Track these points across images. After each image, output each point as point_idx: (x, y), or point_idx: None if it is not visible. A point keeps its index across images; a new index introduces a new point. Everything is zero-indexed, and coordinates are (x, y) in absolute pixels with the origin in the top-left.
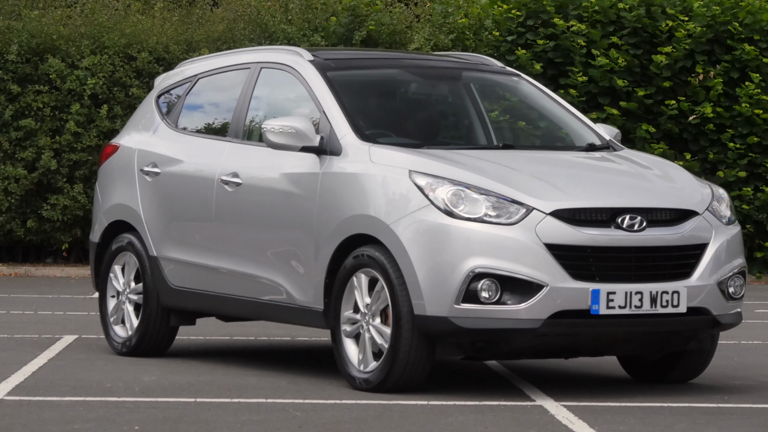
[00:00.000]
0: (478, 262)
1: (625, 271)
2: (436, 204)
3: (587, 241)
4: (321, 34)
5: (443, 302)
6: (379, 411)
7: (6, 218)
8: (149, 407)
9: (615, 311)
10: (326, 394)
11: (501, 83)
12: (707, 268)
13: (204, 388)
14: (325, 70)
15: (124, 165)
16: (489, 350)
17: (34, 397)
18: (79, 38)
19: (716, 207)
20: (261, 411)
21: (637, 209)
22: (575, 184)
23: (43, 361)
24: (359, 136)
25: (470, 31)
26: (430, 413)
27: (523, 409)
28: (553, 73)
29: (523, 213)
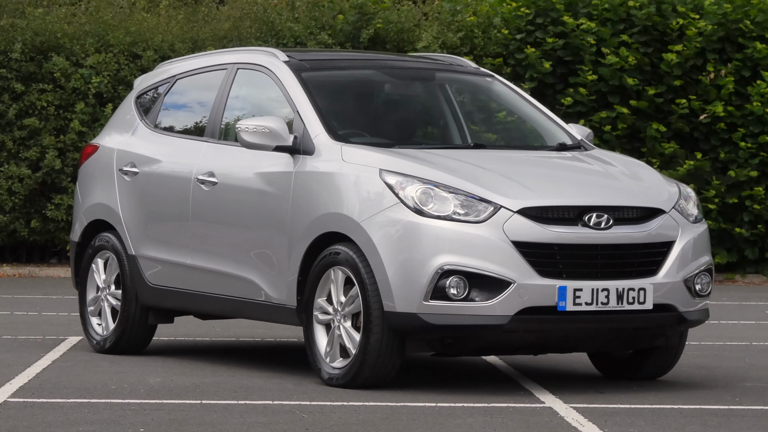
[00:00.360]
0: (446, 259)
1: (592, 269)
2: (405, 202)
3: (554, 239)
4: (328, 33)
5: (412, 299)
6: (387, 413)
7: (10, 218)
8: (154, 409)
9: (581, 308)
10: (333, 396)
11: (475, 84)
12: (673, 265)
13: (210, 389)
14: (300, 70)
15: (103, 165)
16: (458, 346)
17: (38, 399)
18: (84, 36)
19: (683, 205)
20: (267, 413)
21: (604, 207)
22: (543, 182)
23: (48, 363)
24: (332, 135)
25: (479, 30)
26: (438, 415)
27: (532, 411)
28: (562, 71)
29: (491, 211)
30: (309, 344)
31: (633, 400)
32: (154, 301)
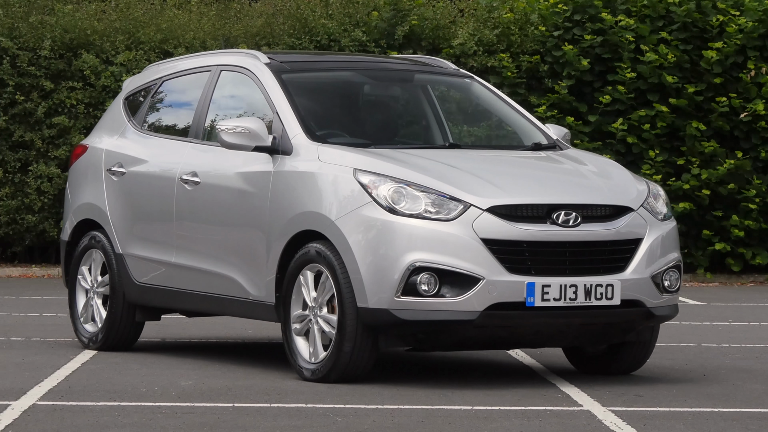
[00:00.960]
0: (417, 256)
1: (561, 265)
2: (378, 201)
3: (523, 236)
4: (362, 29)
5: (384, 295)
6: (422, 416)
7: (39, 218)
8: (186, 412)
9: (550, 303)
10: (367, 399)
11: (454, 84)
12: (641, 262)
13: (242, 392)
14: (280, 72)
15: (92, 165)
16: (431, 341)
17: (68, 402)
18: (114, 33)
19: (652, 203)
20: (300, 416)
21: (572, 205)
22: (513, 181)
23: (77, 365)
24: (309, 136)
25: (515, 26)
26: (474, 418)
27: (570, 415)
28: (600, 69)
29: (460, 209)
30: (287, 341)
31: (672, 404)
32: (140, 299)
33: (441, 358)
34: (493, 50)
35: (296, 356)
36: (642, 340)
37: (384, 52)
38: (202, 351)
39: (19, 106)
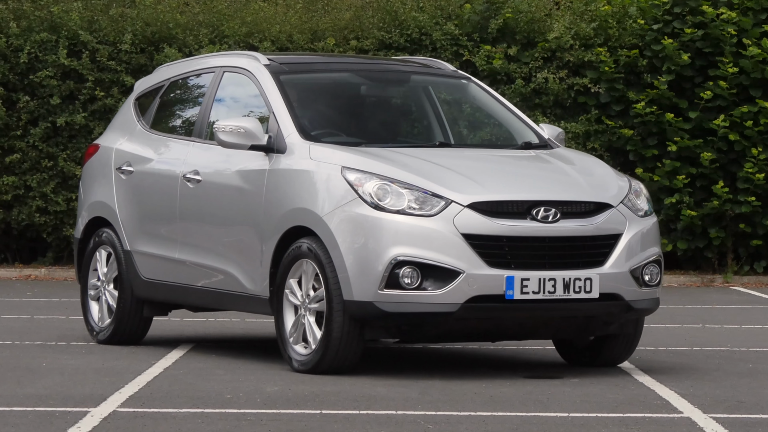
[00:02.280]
0: (399, 250)
1: (540, 260)
2: (363, 197)
3: (503, 231)
4: (455, 22)
5: (368, 288)
6: (517, 423)
7: None
8: (272, 419)
9: (529, 296)
10: (460, 406)
11: (450, 85)
12: (620, 256)
13: (330, 399)
14: (279, 73)
15: (103, 164)
16: (415, 333)
17: (149, 409)
18: (197, 27)
19: (632, 200)
20: (391, 424)
21: (552, 202)
22: (495, 178)
23: (159, 371)
24: (303, 135)
25: (613, 20)
26: (570, 426)
27: (670, 422)
28: (701, 63)
29: (442, 205)
30: (279, 332)
31: None
32: (147, 295)
33: (536, 362)
34: (589, 44)
35: (287, 347)
36: (625, 333)
37: (477, 46)
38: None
39: (99, 102)
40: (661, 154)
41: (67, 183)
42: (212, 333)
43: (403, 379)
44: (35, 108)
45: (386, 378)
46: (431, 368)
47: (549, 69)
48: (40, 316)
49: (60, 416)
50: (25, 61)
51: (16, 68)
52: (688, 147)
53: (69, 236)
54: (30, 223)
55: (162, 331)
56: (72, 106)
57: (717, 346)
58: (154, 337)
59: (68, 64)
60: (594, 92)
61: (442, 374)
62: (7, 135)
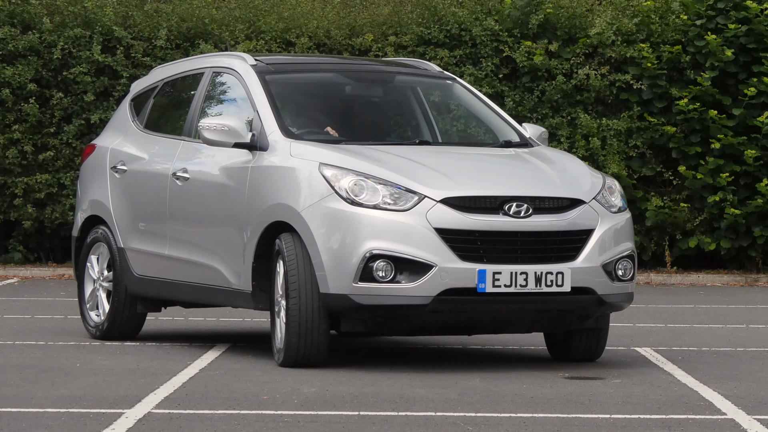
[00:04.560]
0: (373, 244)
1: (513, 254)
2: (339, 193)
3: (475, 226)
4: (495, 18)
5: (344, 281)
6: (558, 425)
7: None
8: (309, 421)
9: (501, 289)
10: (500, 408)
11: (435, 86)
12: (592, 251)
13: (368, 400)
14: (264, 73)
15: (99, 164)
16: (389, 326)
17: (185, 410)
18: (233, 22)
19: (606, 196)
20: (430, 425)
21: (524, 197)
22: (469, 175)
23: (194, 372)
24: (284, 133)
25: (656, 15)
26: (612, 427)
27: (713, 424)
28: (745, 59)
29: (415, 200)
30: (272, 330)
31: None
32: (140, 291)
33: (577, 364)
34: (632, 40)
35: (273, 344)
36: (601, 327)
37: (517, 42)
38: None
39: None
40: (704, 151)
41: None
42: (249, 333)
43: (442, 380)
44: (69, 105)
45: (425, 379)
46: (470, 369)
47: (590, 65)
48: (74, 316)
49: (94, 418)
50: (58, 58)
51: (49, 64)
52: (732, 144)
53: None
54: (63, 221)
55: (198, 331)
56: (106, 103)
57: (761, 347)
58: (190, 337)
59: (102, 61)
60: (636, 89)
61: (482, 375)
62: (41, 132)
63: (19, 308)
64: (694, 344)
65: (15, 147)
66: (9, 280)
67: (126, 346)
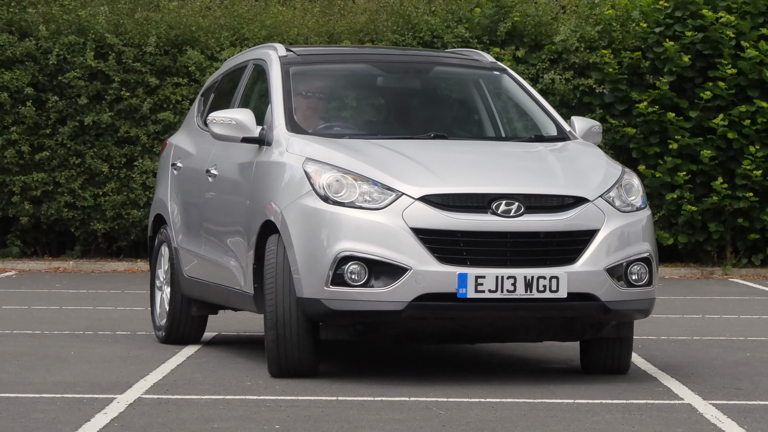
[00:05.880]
0: (345, 245)
1: (501, 256)
2: (316, 190)
3: (458, 226)
4: (465, 26)
5: (316, 285)
6: (525, 410)
7: (144, 213)
8: (290, 406)
9: (484, 295)
10: (470, 393)
11: (482, 77)
12: (595, 254)
13: (346, 386)
14: (290, 64)
15: (164, 161)
16: (372, 333)
17: (173, 396)
18: (219, 30)
19: (619, 194)
20: (404, 409)
21: (515, 195)
22: (458, 171)
23: (182, 359)
24: (289, 127)
25: (617, 23)
26: (576, 412)
27: (671, 408)
28: (701, 65)
29: (392, 198)
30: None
31: None
32: (189, 292)
33: (545, 354)
34: (594, 46)
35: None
36: (623, 336)
37: (486, 48)
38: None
39: (125, 102)
40: (662, 151)
41: (94, 179)
42: (235, 322)
43: (415, 367)
44: (64, 108)
45: (399, 366)
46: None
47: (555, 70)
48: (69, 307)
49: (87, 402)
50: (54, 63)
51: (45, 70)
52: (689, 145)
53: (96, 230)
54: (59, 217)
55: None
56: (99, 106)
57: (716, 336)
58: None
59: (95, 66)
60: (598, 92)
61: (454, 363)
62: (37, 133)
63: (16, 299)
64: (653, 333)
65: (13, 147)
66: (7, 272)
67: (117, 335)
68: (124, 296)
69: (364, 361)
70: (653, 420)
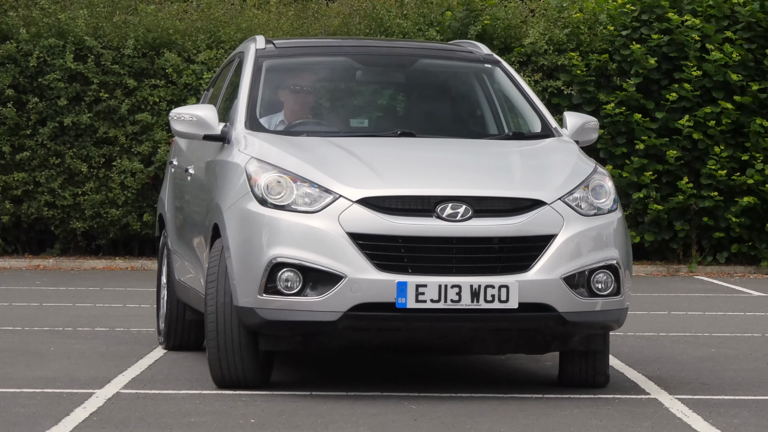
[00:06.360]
0: (278, 251)
1: (446, 263)
2: (254, 192)
3: (398, 231)
4: (436, 29)
5: (251, 293)
6: (495, 404)
7: (123, 212)
8: (265, 400)
9: (426, 305)
10: (442, 388)
11: (472, 70)
12: (551, 261)
13: (320, 382)
14: (265, 57)
15: (168, 159)
16: (312, 343)
17: (150, 390)
18: (196, 33)
19: (583, 195)
20: (377, 404)
21: (463, 197)
22: (405, 171)
23: (159, 354)
24: (248, 124)
25: (585, 26)
26: (544, 406)
27: (638, 402)
28: (667, 67)
29: (328, 201)
30: None
31: (737, 392)
32: (180, 296)
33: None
34: (563, 49)
35: None
36: (594, 350)
37: None
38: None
39: (104, 103)
40: (629, 152)
41: (73, 179)
42: None
43: (387, 362)
44: (44, 109)
45: (372, 361)
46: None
47: (524, 72)
48: (49, 304)
49: (67, 397)
50: (34, 65)
51: (25, 72)
52: (655, 145)
53: (75, 229)
54: (39, 216)
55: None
56: (78, 107)
57: (682, 332)
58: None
59: (74, 68)
60: (567, 94)
61: (425, 359)
62: (18, 134)
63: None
64: (620, 329)
65: None
66: None
67: (96, 332)
68: (103, 293)
69: (336, 356)
70: (620, 414)
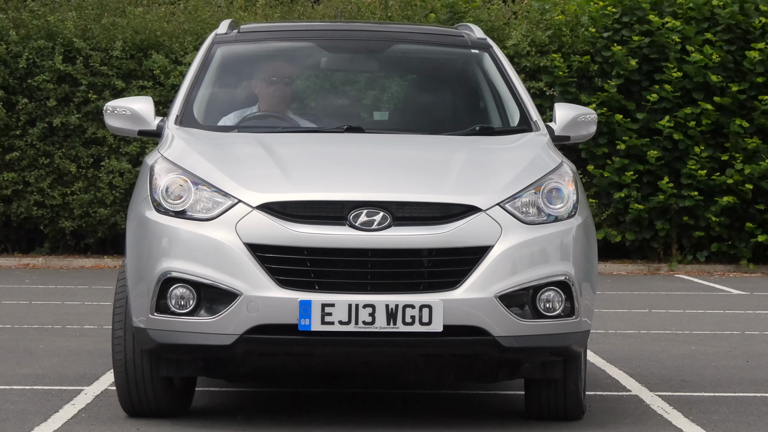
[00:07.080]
0: (170, 265)
1: (359, 279)
2: (153, 195)
3: (304, 242)
4: None
5: (143, 311)
6: (477, 402)
7: (111, 211)
8: (247, 394)
9: (334, 327)
10: (426, 385)
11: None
12: (484, 277)
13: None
14: (221, 44)
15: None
16: (217, 369)
17: None
18: (182, 35)
19: (531, 200)
20: (357, 400)
21: (380, 203)
22: (317, 172)
23: None
24: (180, 119)
25: (567, 28)
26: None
27: (619, 399)
28: (648, 68)
29: (225, 207)
30: None
31: (717, 389)
32: None
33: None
34: (545, 51)
35: None
36: (555, 378)
37: None
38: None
39: (92, 104)
40: (610, 152)
41: (62, 179)
42: None
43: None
44: (33, 110)
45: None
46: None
47: None
48: (38, 302)
49: (56, 394)
50: (23, 67)
51: (15, 73)
52: (636, 146)
53: (64, 228)
54: (28, 215)
55: None
56: (67, 108)
57: (662, 330)
58: None
59: (63, 69)
60: (549, 95)
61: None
62: (7, 134)
63: None
64: (601, 327)
65: None
66: None
67: (85, 329)
68: (92, 291)
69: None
70: (602, 411)
